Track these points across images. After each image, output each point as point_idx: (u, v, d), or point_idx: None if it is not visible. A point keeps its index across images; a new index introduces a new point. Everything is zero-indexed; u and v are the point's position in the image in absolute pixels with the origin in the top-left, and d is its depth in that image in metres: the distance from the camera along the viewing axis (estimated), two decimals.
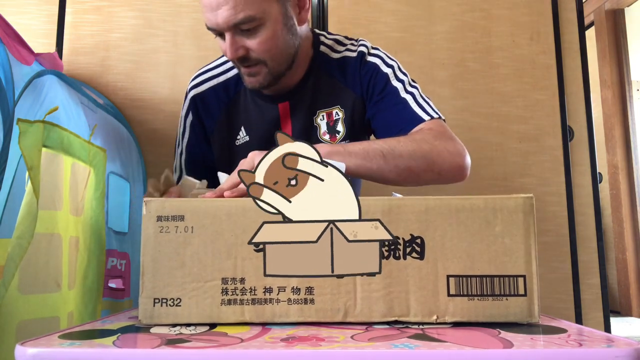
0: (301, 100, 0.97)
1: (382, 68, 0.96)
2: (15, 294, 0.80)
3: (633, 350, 0.42)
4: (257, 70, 0.89)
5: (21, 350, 0.42)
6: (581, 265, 1.60)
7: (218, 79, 1.01)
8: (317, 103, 0.98)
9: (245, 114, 0.99)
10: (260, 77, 0.89)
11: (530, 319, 0.53)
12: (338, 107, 0.98)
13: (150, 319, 0.53)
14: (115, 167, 1.23)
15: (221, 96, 1.01)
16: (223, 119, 1.01)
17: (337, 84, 0.98)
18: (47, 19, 1.55)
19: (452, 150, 0.85)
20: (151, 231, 0.54)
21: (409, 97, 0.94)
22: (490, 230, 0.54)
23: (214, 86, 1.01)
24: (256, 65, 0.88)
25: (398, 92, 0.94)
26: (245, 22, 0.83)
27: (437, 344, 0.45)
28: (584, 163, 1.64)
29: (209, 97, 1.01)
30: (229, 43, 0.85)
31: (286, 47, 0.90)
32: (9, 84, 0.78)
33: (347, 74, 0.97)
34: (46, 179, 0.87)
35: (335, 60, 0.99)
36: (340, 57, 0.99)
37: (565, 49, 1.67)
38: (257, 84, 0.90)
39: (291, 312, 0.53)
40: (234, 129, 1.00)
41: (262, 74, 0.89)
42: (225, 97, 1.00)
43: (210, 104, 1.01)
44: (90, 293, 1.02)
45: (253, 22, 0.83)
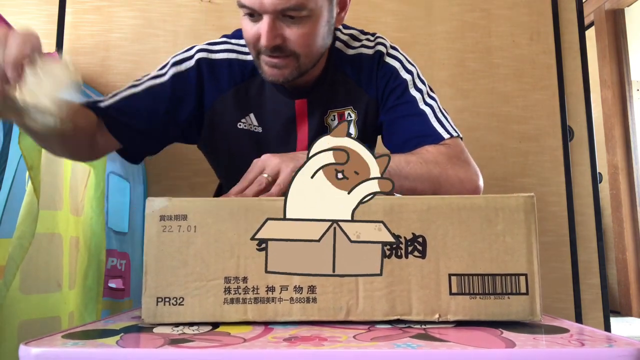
0: (318, 98, 0.92)
1: (400, 73, 0.92)
2: (16, 294, 0.80)
3: (635, 350, 0.42)
4: (286, 63, 0.81)
5: (25, 350, 0.42)
6: (581, 265, 1.61)
7: (239, 55, 0.92)
8: (330, 102, 0.92)
9: (258, 101, 0.92)
10: (286, 70, 0.82)
11: (532, 317, 0.53)
12: (351, 108, 0.93)
13: (153, 318, 0.53)
14: (115, 167, 1.23)
15: (235, 73, 0.91)
16: (230, 95, 0.91)
17: (350, 83, 0.93)
18: (47, 19, 1.55)
19: (463, 177, 0.82)
20: (154, 230, 0.54)
21: (427, 110, 0.89)
22: (492, 229, 0.54)
23: (231, 59, 0.91)
24: (287, 58, 0.81)
25: (416, 102, 0.90)
26: (295, 9, 0.76)
27: (440, 344, 0.45)
28: (584, 163, 1.65)
29: (220, 67, 0.91)
30: (268, 28, 0.77)
31: (322, 45, 0.84)
32: None
33: (362, 74, 0.93)
34: (46, 179, 0.87)
35: (350, 57, 0.93)
36: (355, 53, 0.94)
37: (565, 49, 1.67)
38: (282, 77, 0.83)
39: (294, 311, 0.53)
40: (241, 111, 0.92)
41: (290, 67, 0.82)
42: (240, 76, 0.91)
43: (221, 74, 0.91)
44: (91, 293, 1.02)
45: (302, 11, 0.77)
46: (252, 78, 0.91)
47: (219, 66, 0.90)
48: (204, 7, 1.60)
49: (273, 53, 0.80)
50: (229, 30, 1.61)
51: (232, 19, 1.60)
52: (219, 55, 0.91)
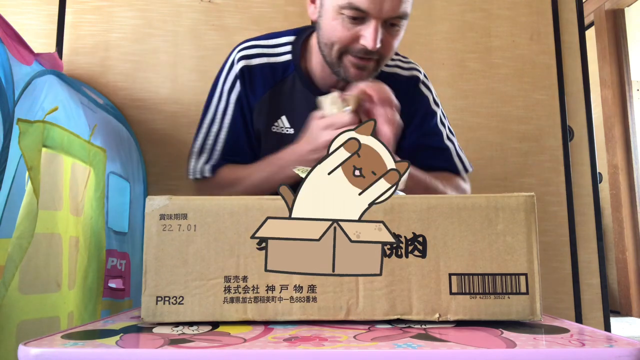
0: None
1: (431, 104, 1.01)
2: (15, 294, 0.80)
3: (635, 350, 0.42)
4: (371, 65, 0.86)
5: (24, 350, 0.42)
6: (581, 265, 1.61)
7: (269, 58, 0.95)
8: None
9: (290, 103, 0.95)
10: (366, 72, 0.87)
11: (533, 317, 0.53)
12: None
13: (153, 317, 0.53)
14: (115, 167, 1.23)
15: (268, 76, 0.95)
16: (266, 100, 0.95)
17: None
18: (47, 19, 1.55)
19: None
20: (154, 229, 0.54)
21: (450, 146, 1.00)
22: (492, 229, 0.54)
23: (263, 64, 0.95)
24: (372, 61, 0.86)
25: (442, 136, 1.00)
26: (401, 18, 0.82)
27: (440, 344, 0.44)
28: (584, 163, 1.65)
29: (257, 73, 0.95)
30: (375, 31, 0.81)
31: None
32: (9, 84, 0.78)
33: (396, 93, 0.96)
34: (46, 179, 0.87)
35: (385, 73, 0.97)
36: (391, 72, 0.99)
37: (565, 49, 1.67)
38: (365, 78, 0.87)
39: (294, 310, 0.53)
40: (274, 115, 0.95)
41: (370, 69, 0.87)
42: (272, 79, 0.95)
43: (256, 80, 0.95)
44: (90, 293, 1.02)
45: (403, 20, 0.83)
46: (283, 79, 0.95)
47: (256, 72, 0.95)
48: (204, 7, 1.60)
49: (366, 55, 0.84)
50: (229, 30, 1.62)
51: (232, 19, 1.60)
52: (255, 60, 0.95)
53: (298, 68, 0.94)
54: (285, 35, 0.98)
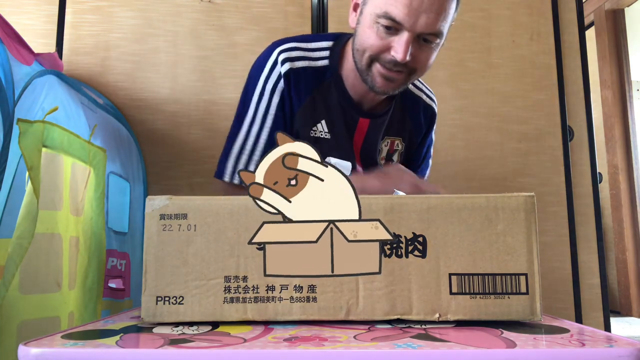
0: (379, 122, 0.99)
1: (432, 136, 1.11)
2: (15, 294, 0.80)
3: (635, 350, 0.42)
4: (399, 77, 0.87)
5: (24, 350, 0.42)
6: (581, 265, 1.61)
7: (311, 62, 0.94)
8: (389, 130, 1.00)
9: (327, 109, 0.95)
10: (397, 84, 0.88)
11: (533, 317, 0.53)
12: (401, 139, 1.02)
13: (153, 317, 0.53)
14: (115, 167, 1.23)
15: (310, 80, 0.94)
16: (308, 104, 0.94)
17: (407, 119, 1.03)
18: (47, 19, 1.55)
19: None
20: (154, 229, 0.54)
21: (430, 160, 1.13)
22: (492, 229, 0.54)
23: (306, 67, 0.94)
24: (402, 73, 0.87)
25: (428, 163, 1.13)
26: (435, 35, 0.83)
27: (440, 344, 0.45)
28: (584, 163, 1.65)
29: (301, 76, 0.93)
30: (406, 45, 0.81)
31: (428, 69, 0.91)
32: (9, 84, 0.78)
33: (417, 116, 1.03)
34: (46, 179, 0.87)
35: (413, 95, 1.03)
36: (417, 95, 1.04)
37: (565, 49, 1.67)
38: (392, 90, 0.90)
39: (294, 310, 0.53)
40: (315, 119, 0.94)
41: (399, 82, 0.88)
42: (313, 83, 0.94)
43: (301, 83, 0.93)
44: (91, 293, 1.02)
45: (438, 38, 0.84)
46: (322, 84, 0.95)
47: (299, 76, 0.93)
48: (204, 7, 1.60)
49: (394, 67, 0.85)
50: (229, 30, 1.62)
51: (232, 19, 1.60)
52: (298, 63, 0.93)
53: (335, 74, 0.95)
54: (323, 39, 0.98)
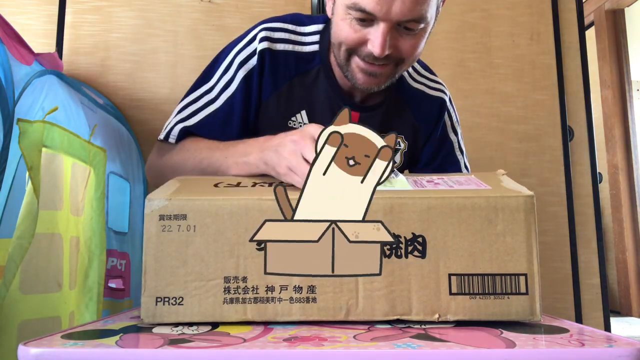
0: (371, 118, 0.89)
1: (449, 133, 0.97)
2: (16, 294, 0.80)
3: (635, 350, 0.42)
4: (384, 71, 0.79)
5: (24, 350, 0.42)
6: (581, 265, 1.61)
7: (295, 46, 0.87)
8: (387, 126, 0.89)
9: (311, 99, 0.88)
10: (382, 79, 0.80)
11: (532, 317, 0.53)
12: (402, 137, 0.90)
13: (153, 318, 0.53)
14: (115, 167, 1.23)
15: (291, 65, 0.86)
16: (284, 91, 0.86)
17: (408, 115, 0.93)
18: (47, 19, 1.55)
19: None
20: (153, 230, 0.54)
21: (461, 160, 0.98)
22: (492, 229, 0.54)
23: (288, 51, 0.86)
24: (386, 66, 0.79)
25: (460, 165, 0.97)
26: (416, 21, 0.74)
27: (440, 344, 0.45)
28: (584, 163, 1.65)
29: (280, 60, 0.85)
30: (384, 37, 0.73)
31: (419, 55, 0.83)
32: (9, 84, 0.78)
33: (420, 110, 0.93)
34: (46, 179, 0.87)
35: (411, 88, 0.93)
36: (417, 88, 0.93)
37: (565, 49, 1.67)
38: (376, 86, 0.81)
39: (293, 310, 0.53)
40: (293, 108, 0.87)
41: (385, 76, 0.80)
42: (294, 69, 0.86)
43: (279, 67, 0.86)
44: (91, 293, 1.02)
45: (420, 24, 0.75)
46: (307, 71, 0.87)
47: (277, 59, 0.85)
48: (204, 7, 1.60)
49: (375, 61, 0.77)
50: (229, 30, 1.62)
51: (232, 19, 1.60)
52: (279, 45, 0.86)
53: (324, 61, 0.87)
54: (314, 23, 0.89)
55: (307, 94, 0.87)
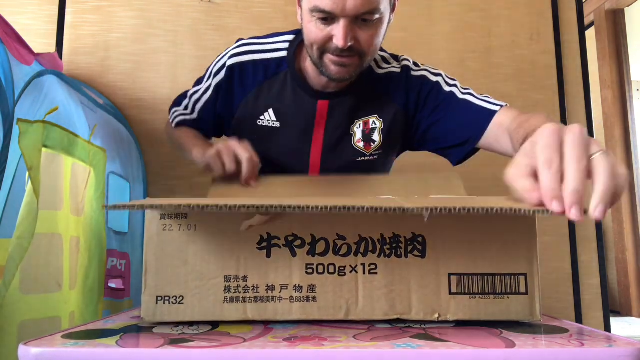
0: (341, 103, 0.98)
1: (430, 78, 0.99)
2: (16, 294, 0.80)
3: (635, 350, 0.42)
4: (352, 62, 0.89)
5: (24, 350, 0.42)
6: (581, 265, 1.61)
7: (262, 55, 1.00)
8: (356, 112, 0.99)
9: (279, 98, 0.99)
10: (352, 68, 0.89)
11: (532, 317, 0.53)
12: (376, 116, 0.99)
13: (153, 317, 0.53)
14: (115, 167, 1.23)
15: (259, 73, 1.00)
16: (253, 95, 1.00)
17: (378, 95, 1.00)
18: (47, 19, 1.55)
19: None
20: (154, 229, 0.54)
21: (468, 97, 0.94)
22: (492, 229, 0.54)
23: (255, 61, 1.00)
24: (353, 57, 0.88)
25: (455, 94, 0.96)
26: (371, 13, 0.83)
27: (440, 344, 0.45)
28: None
29: (247, 70, 1.00)
30: (345, 30, 0.84)
31: (380, 45, 0.91)
32: (9, 84, 0.78)
33: (390, 87, 0.99)
34: (46, 179, 0.87)
35: (378, 75, 1.00)
36: (385, 73, 1.01)
37: (565, 49, 1.67)
38: (348, 75, 0.90)
39: (293, 310, 0.53)
40: (260, 108, 0.99)
41: (354, 66, 0.89)
42: (262, 76, 1.00)
43: (247, 76, 1.00)
44: (92, 293, 1.02)
45: (375, 15, 0.84)
46: (275, 75, 0.99)
47: (246, 69, 0.99)
48: (204, 7, 1.60)
49: (342, 53, 0.87)
50: (229, 30, 1.62)
51: (232, 19, 1.60)
52: (246, 57, 0.99)
53: (291, 65, 0.98)
54: (286, 34, 1.02)
55: (274, 95, 0.99)
